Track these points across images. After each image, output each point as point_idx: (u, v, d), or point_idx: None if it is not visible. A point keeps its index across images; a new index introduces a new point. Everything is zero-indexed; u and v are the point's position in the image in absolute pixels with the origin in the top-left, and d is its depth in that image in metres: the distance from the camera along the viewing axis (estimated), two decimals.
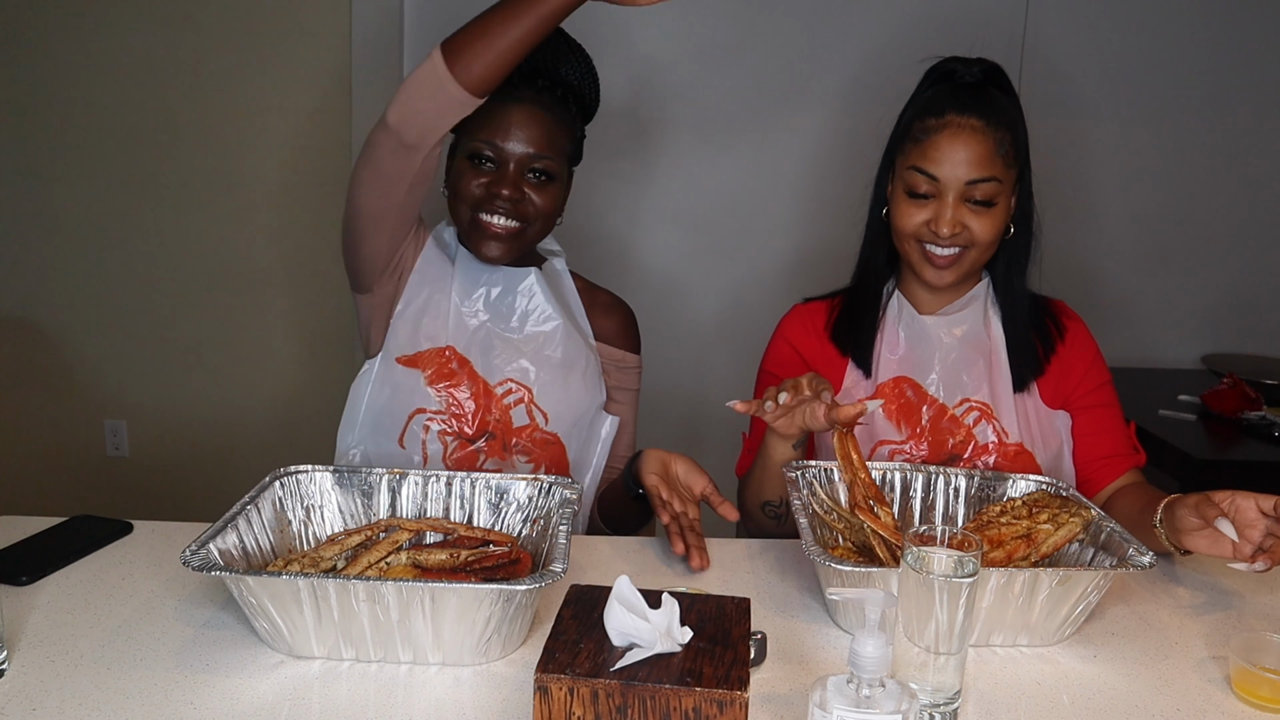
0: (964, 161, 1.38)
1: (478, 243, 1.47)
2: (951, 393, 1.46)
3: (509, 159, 1.44)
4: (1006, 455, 1.44)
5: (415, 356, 1.48)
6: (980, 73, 1.45)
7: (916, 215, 1.41)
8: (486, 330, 1.50)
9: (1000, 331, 1.49)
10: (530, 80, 1.46)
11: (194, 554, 1.00)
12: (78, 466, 3.11)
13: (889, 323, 1.51)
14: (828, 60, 2.92)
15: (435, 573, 1.12)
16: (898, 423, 1.46)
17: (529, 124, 1.43)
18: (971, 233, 1.40)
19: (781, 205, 3.02)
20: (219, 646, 1.05)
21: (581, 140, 1.55)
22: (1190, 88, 3.00)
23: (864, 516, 1.14)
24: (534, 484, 1.24)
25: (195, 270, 3.01)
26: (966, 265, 1.44)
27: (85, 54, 2.87)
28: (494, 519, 1.25)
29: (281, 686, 0.98)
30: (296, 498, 1.22)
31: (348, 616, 0.99)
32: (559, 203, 1.50)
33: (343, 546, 1.16)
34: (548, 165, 1.45)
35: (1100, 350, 1.54)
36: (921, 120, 1.42)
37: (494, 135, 1.43)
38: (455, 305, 1.50)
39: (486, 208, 1.44)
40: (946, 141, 1.39)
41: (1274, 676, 0.99)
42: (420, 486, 1.26)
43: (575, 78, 1.50)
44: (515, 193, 1.44)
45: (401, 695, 0.98)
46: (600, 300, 1.64)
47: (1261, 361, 3.06)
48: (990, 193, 1.39)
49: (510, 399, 1.48)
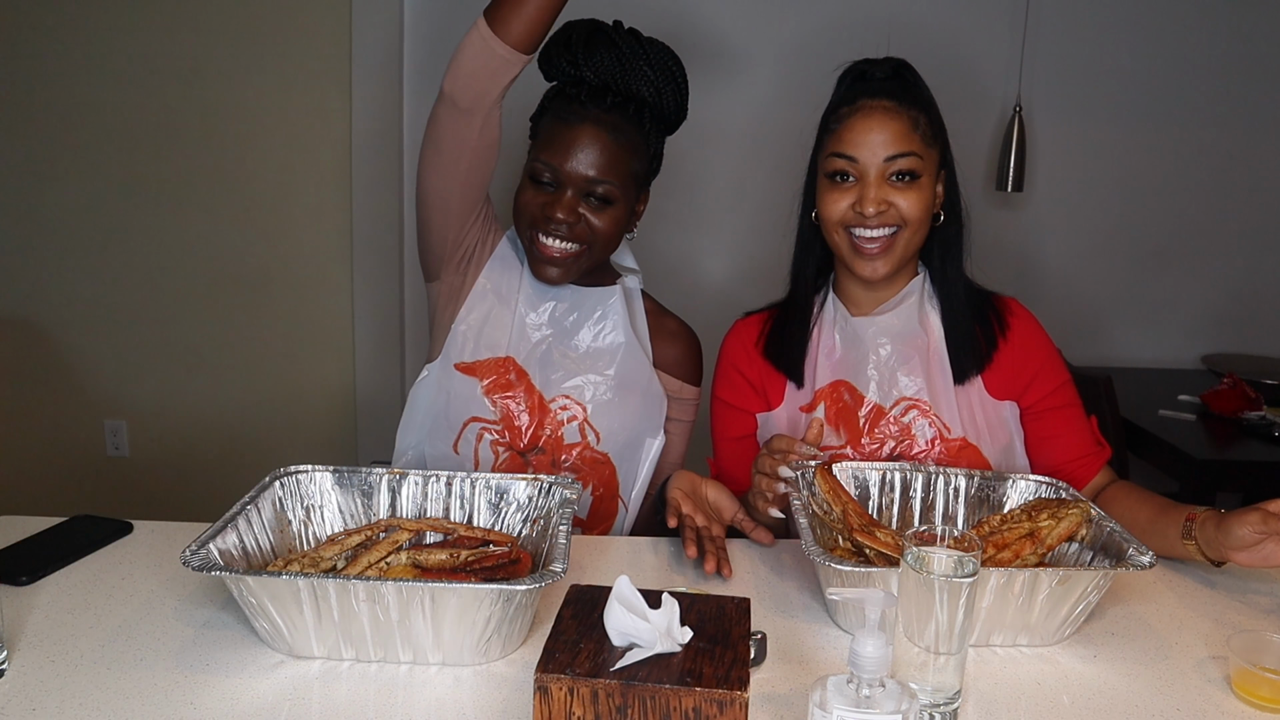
0: (880, 141, 1.37)
1: (535, 264, 1.46)
2: (888, 393, 1.44)
3: (567, 181, 1.41)
4: (951, 450, 1.41)
5: (474, 365, 1.48)
6: (890, 68, 1.46)
7: (841, 200, 1.40)
8: (549, 344, 1.50)
9: (939, 324, 1.46)
10: (599, 98, 1.43)
11: (194, 554, 1.00)
12: (78, 466, 3.11)
13: (824, 327, 1.49)
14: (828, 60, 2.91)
15: (435, 573, 1.12)
16: (836, 427, 1.44)
17: (590, 146, 1.41)
18: (899, 210, 1.38)
19: (782, 204, 3.02)
20: (219, 646, 1.05)
21: (658, 155, 1.51)
22: (1190, 88, 3.00)
23: (864, 539, 1.13)
24: (534, 484, 1.24)
25: (195, 270, 3.01)
26: (899, 250, 1.40)
27: (85, 54, 2.87)
28: (494, 519, 1.25)
29: (281, 687, 0.98)
30: (296, 498, 1.22)
31: (347, 616, 0.99)
32: (621, 225, 1.47)
33: (343, 546, 1.16)
34: (608, 190, 1.42)
35: (1056, 348, 1.51)
36: (835, 111, 1.43)
37: (553, 157, 1.41)
38: (520, 316, 1.49)
39: (543, 228, 1.43)
40: (861, 122, 1.38)
41: (1274, 676, 0.99)
42: (420, 486, 1.26)
43: (650, 91, 1.45)
44: (570, 216, 1.42)
45: (402, 695, 0.98)
46: (667, 327, 1.61)
47: (1261, 361, 3.06)
48: (911, 166, 1.38)
49: (564, 415, 1.48)
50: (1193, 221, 3.09)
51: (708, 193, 3.03)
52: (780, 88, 2.95)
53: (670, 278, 3.03)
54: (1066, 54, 2.94)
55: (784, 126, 2.99)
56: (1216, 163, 3.05)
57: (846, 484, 1.32)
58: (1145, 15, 2.95)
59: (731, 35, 2.95)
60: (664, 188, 2.99)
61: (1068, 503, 1.21)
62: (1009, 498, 1.31)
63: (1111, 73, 2.97)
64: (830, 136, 1.42)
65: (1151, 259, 3.09)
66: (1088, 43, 2.94)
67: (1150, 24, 2.95)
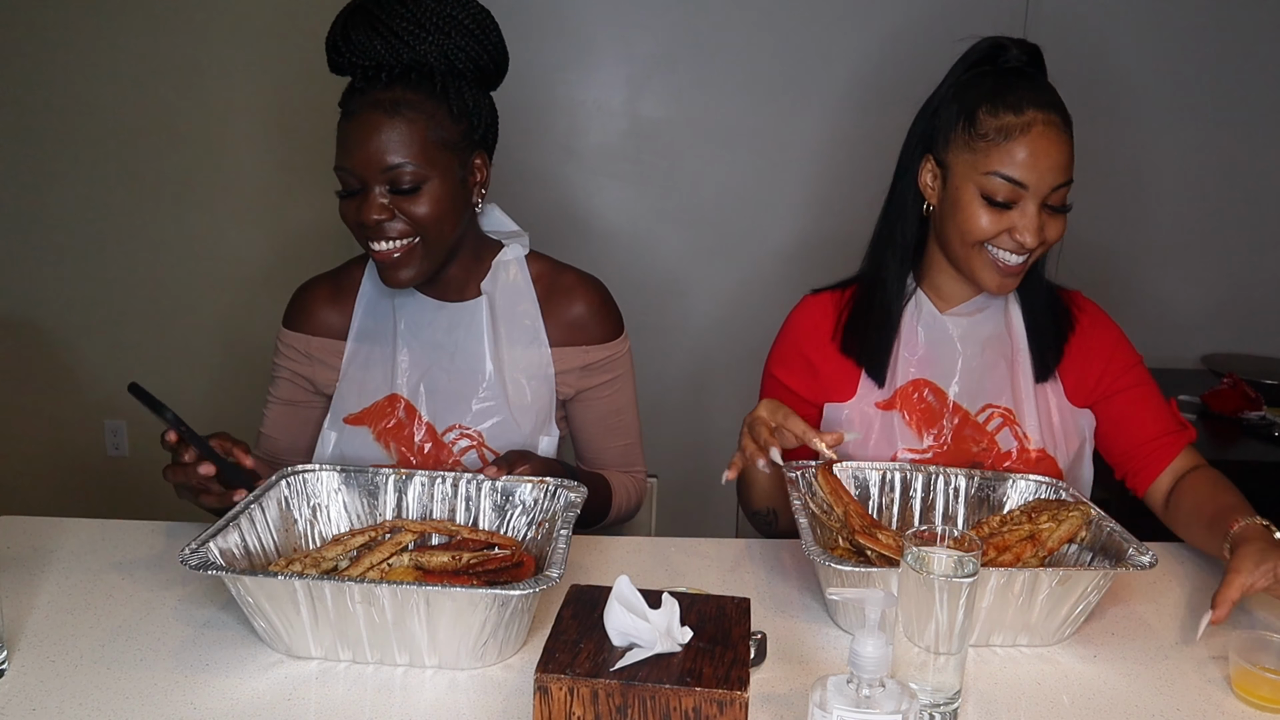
0: (1053, 167, 1.26)
1: (381, 274, 1.34)
2: (974, 398, 1.39)
3: (367, 178, 1.28)
4: (1028, 462, 1.38)
5: (361, 414, 1.42)
6: (1027, 56, 1.34)
7: (998, 223, 1.28)
8: (432, 374, 1.41)
9: (1021, 324, 1.42)
10: (372, 79, 1.29)
11: (193, 552, 1.00)
12: (78, 466, 3.11)
13: (907, 320, 1.41)
14: (828, 60, 2.92)
15: (437, 575, 1.12)
16: (919, 430, 1.39)
17: (372, 133, 1.26)
18: (1047, 238, 1.30)
19: (782, 204, 3.02)
20: (219, 646, 1.05)
21: (475, 113, 1.34)
22: (1190, 88, 3.00)
23: (866, 541, 1.13)
24: (539, 487, 1.24)
25: (195, 270, 3.01)
26: (1028, 266, 1.34)
27: (85, 54, 2.87)
28: (499, 521, 1.25)
29: (280, 687, 0.98)
30: (302, 497, 1.22)
31: (344, 618, 0.99)
32: (448, 201, 1.31)
33: (346, 547, 1.16)
34: (411, 173, 1.27)
35: (1124, 334, 1.47)
36: (995, 114, 1.28)
37: (345, 158, 1.29)
38: (399, 350, 1.42)
39: (367, 236, 1.31)
40: (1035, 143, 1.25)
41: (1274, 676, 0.99)
42: (426, 488, 1.25)
43: (431, 50, 1.29)
44: (382, 214, 1.28)
45: (399, 697, 0.98)
46: (562, 286, 1.46)
47: (1261, 361, 3.06)
48: (1066, 196, 1.30)
49: (459, 445, 1.40)
50: (1193, 221, 3.09)
51: (708, 192, 3.03)
52: (781, 86, 2.94)
53: (671, 278, 3.03)
54: (1066, 54, 2.94)
55: (784, 126, 3.00)
56: (1216, 163, 3.05)
57: (846, 484, 1.32)
58: (1145, 15, 2.95)
59: (729, 31, 2.95)
60: (665, 187, 3.01)
61: (1068, 504, 1.21)
62: (1009, 498, 1.31)
63: (1111, 73, 2.96)
64: (993, 149, 1.27)
65: (1151, 259, 3.09)
66: (1087, 43, 2.94)
67: (1150, 24, 2.95)
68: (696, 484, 2.18)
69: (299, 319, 1.49)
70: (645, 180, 2.99)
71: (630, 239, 3.02)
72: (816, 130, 2.95)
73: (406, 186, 1.28)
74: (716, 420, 2.99)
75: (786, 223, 3.03)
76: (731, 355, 2.98)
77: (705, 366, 3.06)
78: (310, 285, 1.51)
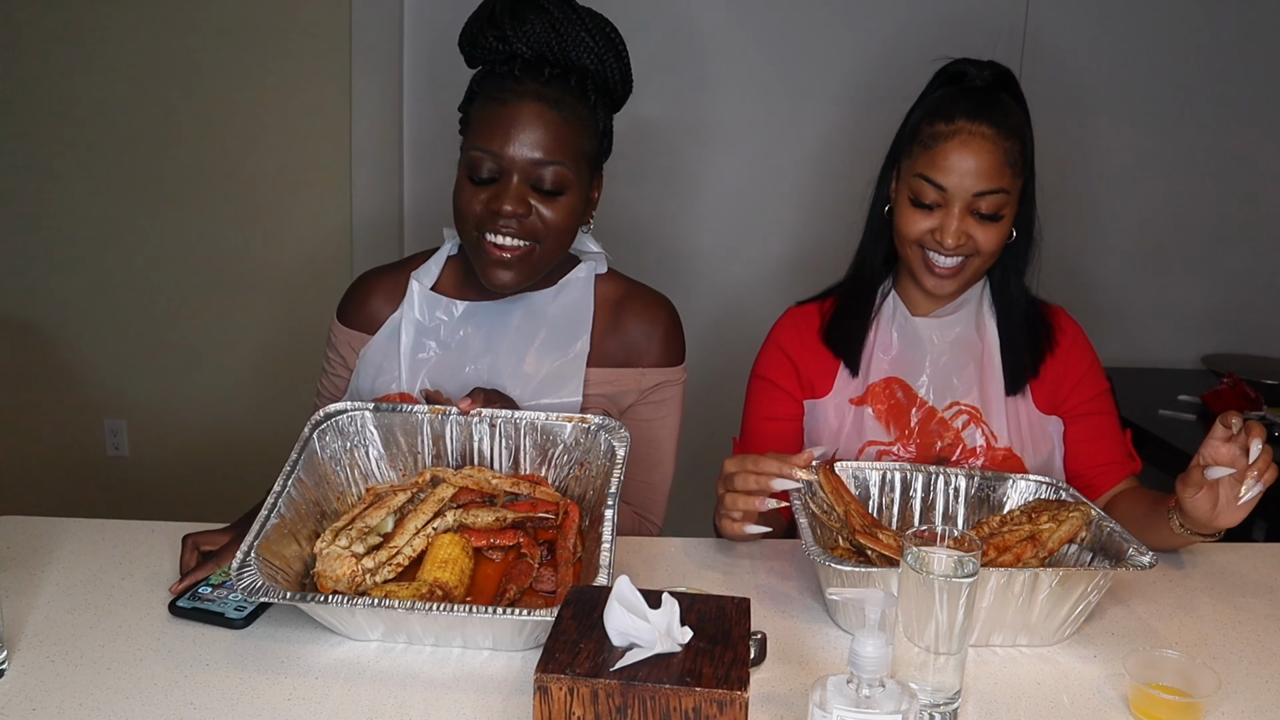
0: (972, 173, 1.36)
1: (484, 269, 1.31)
2: (941, 395, 1.46)
3: (511, 168, 1.26)
4: (995, 459, 1.44)
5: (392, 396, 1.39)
6: (991, 76, 1.43)
7: (921, 223, 1.40)
8: (437, 369, 1.38)
9: (995, 334, 1.48)
10: (535, 71, 1.27)
11: (239, 575, 0.99)
12: (78, 466, 3.11)
13: (883, 322, 1.51)
14: (828, 60, 2.92)
15: (483, 533, 1.12)
16: (886, 423, 1.46)
17: (532, 125, 1.25)
18: (975, 243, 1.39)
19: (781, 205, 3.02)
20: (219, 646, 1.05)
21: (607, 133, 1.36)
22: (1191, 87, 3.00)
23: (866, 541, 1.13)
24: (579, 426, 1.22)
25: (195, 270, 3.00)
26: (968, 274, 1.43)
27: (85, 54, 2.87)
28: (541, 461, 1.22)
29: (280, 687, 0.98)
30: (339, 439, 1.21)
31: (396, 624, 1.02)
32: (576, 216, 1.31)
33: (389, 509, 1.15)
34: (559, 174, 1.27)
35: (1098, 358, 1.53)
36: (931, 124, 1.39)
37: (491, 142, 1.26)
38: (416, 349, 1.38)
39: (490, 226, 1.28)
40: (956, 150, 1.36)
41: (1170, 696, 0.96)
42: (464, 428, 1.22)
43: (591, 59, 1.30)
44: (520, 207, 1.26)
45: (400, 697, 0.98)
46: (631, 305, 1.43)
47: (1261, 361, 3.06)
48: (997, 205, 1.38)
49: None
50: (1193, 221, 3.08)
51: (708, 192, 3.03)
52: (781, 87, 2.94)
53: (671, 278, 3.03)
54: (1065, 54, 2.94)
55: (785, 126, 3.01)
56: (1217, 163, 3.05)
57: (846, 483, 1.32)
58: (1145, 15, 2.95)
59: (729, 32, 2.95)
60: (665, 187, 3.01)
61: (1068, 504, 1.21)
62: (1009, 498, 1.31)
63: (1111, 73, 2.96)
64: (923, 154, 1.39)
65: (1151, 259, 3.09)
66: (1087, 43, 2.94)
67: (1150, 23, 2.95)
68: (696, 484, 2.18)
69: (353, 313, 1.44)
70: (645, 179, 2.99)
71: (629, 238, 3.02)
72: (816, 131, 2.95)
73: (549, 187, 1.27)
74: (716, 420, 2.98)
75: (786, 223, 3.03)
76: (731, 355, 2.96)
77: (705, 366, 3.05)
78: (369, 278, 1.46)
